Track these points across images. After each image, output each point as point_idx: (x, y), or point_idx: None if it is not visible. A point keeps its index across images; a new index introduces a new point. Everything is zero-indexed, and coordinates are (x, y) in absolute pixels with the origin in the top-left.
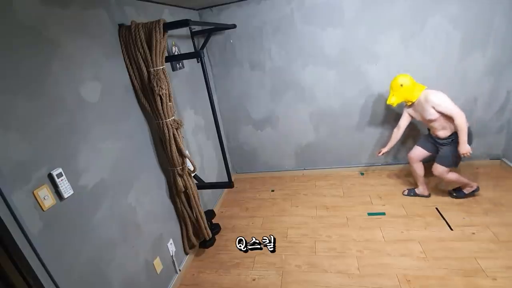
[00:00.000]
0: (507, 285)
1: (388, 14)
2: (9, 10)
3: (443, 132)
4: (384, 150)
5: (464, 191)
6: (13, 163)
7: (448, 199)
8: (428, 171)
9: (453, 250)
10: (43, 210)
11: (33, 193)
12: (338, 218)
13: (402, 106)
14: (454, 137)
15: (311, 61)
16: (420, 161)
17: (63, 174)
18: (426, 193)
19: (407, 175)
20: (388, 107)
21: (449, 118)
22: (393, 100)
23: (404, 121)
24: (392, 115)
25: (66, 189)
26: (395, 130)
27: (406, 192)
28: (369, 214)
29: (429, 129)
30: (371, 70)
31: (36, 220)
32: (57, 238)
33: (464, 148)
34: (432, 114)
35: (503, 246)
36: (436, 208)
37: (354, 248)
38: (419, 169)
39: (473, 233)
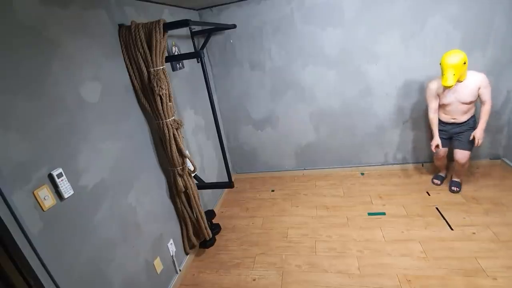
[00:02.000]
0: (508, 285)
1: (388, 14)
2: (9, 10)
3: (465, 116)
4: (439, 141)
5: (459, 181)
6: (13, 163)
7: (448, 199)
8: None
9: (453, 250)
10: (43, 210)
11: (33, 193)
12: (338, 218)
13: (402, 96)
14: (471, 122)
15: (311, 61)
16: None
17: (63, 174)
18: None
19: (408, 175)
20: (388, 107)
21: (474, 104)
22: (453, 82)
23: (436, 104)
24: (392, 115)
25: (66, 189)
26: (432, 115)
27: (435, 181)
28: (369, 214)
29: (440, 118)
30: (371, 70)
31: (36, 220)
32: (57, 238)
33: (482, 134)
34: (473, 96)
35: (503, 246)
36: (437, 208)
37: (354, 248)
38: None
39: (474, 233)
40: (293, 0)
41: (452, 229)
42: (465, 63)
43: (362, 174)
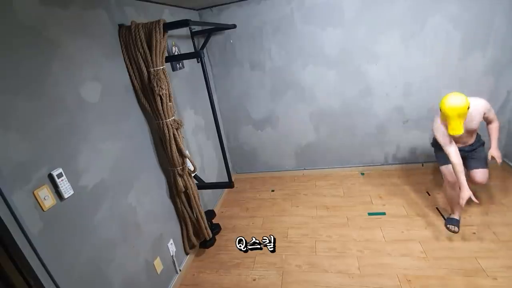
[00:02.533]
0: (508, 285)
1: (388, 14)
2: (9, 10)
3: (472, 138)
4: (469, 193)
5: (458, 219)
6: (13, 163)
7: None
8: None
9: (453, 250)
10: (43, 210)
11: (33, 193)
12: (339, 218)
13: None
14: (478, 139)
15: (311, 61)
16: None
17: (63, 174)
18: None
19: (408, 175)
20: (388, 107)
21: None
22: (463, 131)
23: (454, 145)
24: (392, 115)
25: (66, 189)
26: (455, 160)
27: (451, 228)
28: (370, 214)
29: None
30: (371, 70)
31: (36, 220)
32: (57, 238)
33: (498, 152)
34: (478, 122)
35: (503, 246)
36: (437, 208)
37: (354, 248)
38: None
39: (474, 233)
40: (293, 0)
41: None
42: (468, 107)
43: (362, 174)
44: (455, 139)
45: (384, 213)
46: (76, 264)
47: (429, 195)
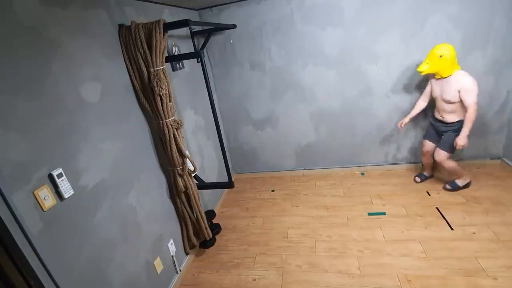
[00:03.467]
0: (508, 285)
1: (388, 13)
2: (9, 10)
3: (451, 116)
4: (406, 120)
5: (458, 183)
6: (13, 163)
7: (448, 198)
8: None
9: (453, 250)
10: (43, 210)
11: (33, 193)
12: (339, 218)
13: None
14: (458, 125)
15: (311, 61)
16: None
17: (63, 174)
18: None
19: (408, 175)
20: (388, 107)
21: (463, 106)
22: (425, 68)
23: (428, 92)
24: (392, 115)
25: (67, 189)
26: (419, 101)
27: (418, 180)
28: (370, 214)
29: (433, 113)
30: (371, 70)
31: (36, 220)
32: (57, 238)
33: (463, 140)
34: (454, 97)
35: (503, 245)
36: (437, 208)
37: (354, 248)
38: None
39: (474, 233)
40: (293, 0)
41: (452, 229)
42: (441, 56)
43: (362, 174)
44: (437, 108)
45: (384, 213)
46: (76, 264)
47: (429, 195)
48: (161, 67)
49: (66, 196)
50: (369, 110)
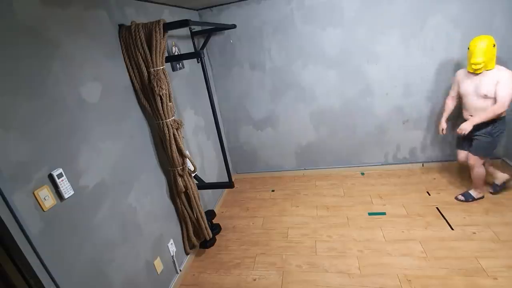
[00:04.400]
0: (508, 285)
1: (388, 14)
2: (9, 10)
3: (478, 114)
4: (443, 124)
5: (473, 195)
6: (13, 163)
7: (448, 198)
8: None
9: (454, 250)
10: (43, 211)
11: (33, 193)
12: (339, 218)
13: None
14: (490, 127)
15: (311, 61)
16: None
17: (63, 174)
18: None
19: (408, 175)
20: (388, 107)
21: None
22: (482, 59)
23: (455, 92)
24: (392, 115)
25: (67, 190)
26: (447, 101)
27: (462, 198)
28: (370, 214)
29: (463, 116)
30: (371, 70)
31: (36, 220)
32: (57, 239)
33: (466, 125)
34: (491, 91)
35: (504, 245)
36: (437, 208)
37: (354, 248)
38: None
39: (474, 233)
40: (293, 0)
41: (452, 229)
42: (494, 45)
43: (362, 174)
44: (465, 105)
45: (384, 213)
46: (76, 264)
47: (429, 195)
48: (161, 67)
49: (66, 196)
50: (369, 110)
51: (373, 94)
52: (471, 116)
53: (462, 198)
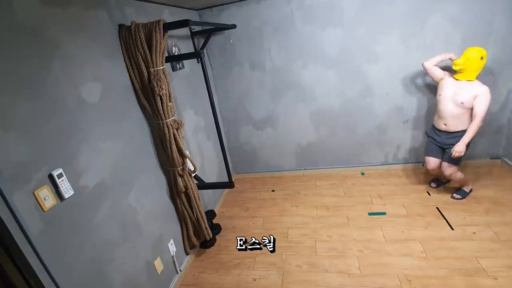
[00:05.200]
0: (508, 285)
1: (388, 13)
2: (9, 10)
3: (455, 124)
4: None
5: (466, 190)
6: (13, 163)
7: (448, 198)
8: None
9: (454, 250)
10: (43, 211)
11: (33, 193)
12: (339, 218)
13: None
14: (463, 135)
15: (311, 61)
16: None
17: (63, 174)
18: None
19: (408, 175)
20: (388, 107)
21: (469, 116)
22: (461, 62)
23: (438, 75)
24: (392, 115)
25: (67, 190)
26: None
27: (434, 185)
28: (370, 214)
29: (433, 125)
30: (371, 70)
31: (36, 220)
32: (57, 239)
33: (462, 147)
34: (467, 101)
35: (504, 245)
36: (437, 208)
37: (354, 248)
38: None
39: (474, 233)
40: (293, 0)
41: (452, 229)
42: (482, 58)
43: (363, 174)
44: (441, 113)
45: (384, 213)
46: (77, 264)
47: (429, 195)
48: (161, 67)
49: (66, 196)
50: (369, 110)
51: (373, 94)
52: (445, 125)
53: (459, 196)
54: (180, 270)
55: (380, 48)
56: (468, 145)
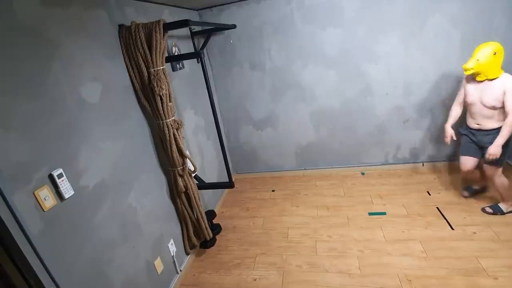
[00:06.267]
0: (508, 285)
1: (388, 13)
2: (9, 10)
3: (490, 123)
4: (452, 131)
5: (502, 208)
6: (13, 163)
7: (448, 198)
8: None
9: (454, 250)
10: (43, 211)
11: (33, 193)
12: (339, 218)
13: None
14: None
15: (311, 61)
16: (475, 169)
17: (63, 174)
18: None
19: (408, 175)
20: (389, 107)
21: (503, 113)
22: (473, 65)
23: (461, 97)
24: (392, 114)
25: (67, 190)
26: (453, 107)
27: (490, 210)
28: (370, 213)
29: (466, 123)
30: (371, 70)
31: (36, 220)
32: (57, 239)
33: (496, 149)
34: (497, 101)
35: (504, 245)
36: (437, 208)
37: (355, 248)
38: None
39: (474, 233)
40: (293, 0)
41: (452, 229)
42: (495, 53)
43: (363, 174)
44: (473, 115)
45: (384, 213)
46: (77, 264)
47: (430, 194)
48: (161, 67)
49: (66, 196)
50: (369, 110)
51: (373, 94)
52: (478, 124)
53: (490, 210)
54: (180, 270)
55: (380, 48)
56: (507, 144)
